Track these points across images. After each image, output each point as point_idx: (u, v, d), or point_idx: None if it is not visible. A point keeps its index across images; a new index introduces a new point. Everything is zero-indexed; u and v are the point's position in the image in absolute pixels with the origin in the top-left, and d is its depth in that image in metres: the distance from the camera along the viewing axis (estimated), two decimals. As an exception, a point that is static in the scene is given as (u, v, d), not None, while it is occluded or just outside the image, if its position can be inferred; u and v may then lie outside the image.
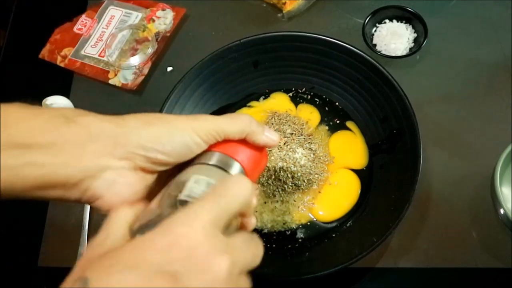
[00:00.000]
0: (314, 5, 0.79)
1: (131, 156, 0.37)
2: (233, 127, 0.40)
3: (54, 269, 0.65)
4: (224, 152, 0.40)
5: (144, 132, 0.37)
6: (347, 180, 0.65)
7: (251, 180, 0.41)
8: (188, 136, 0.38)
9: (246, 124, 0.41)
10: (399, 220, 0.56)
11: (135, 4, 0.82)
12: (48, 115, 0.37)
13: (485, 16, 0.75)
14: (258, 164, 0.43)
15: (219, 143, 0.40)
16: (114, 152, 0.37)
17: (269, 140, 0.42)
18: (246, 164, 0.41)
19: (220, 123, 0.40)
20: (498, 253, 0.61)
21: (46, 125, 0.36)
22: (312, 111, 0.70)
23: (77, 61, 0.78)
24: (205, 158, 0.39)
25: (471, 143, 0.67)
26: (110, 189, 0.37)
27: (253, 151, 0.42)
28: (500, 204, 0.57)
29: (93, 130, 0.37)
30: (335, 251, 0.60)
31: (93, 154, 0.36)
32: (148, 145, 0.37)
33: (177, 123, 0.38)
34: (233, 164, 0.40)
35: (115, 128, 0.37)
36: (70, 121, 0.36)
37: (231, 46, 0.67)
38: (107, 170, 0.37)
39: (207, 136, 0.39)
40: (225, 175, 0.39)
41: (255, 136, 0.41)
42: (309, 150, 0.65)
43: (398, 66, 0.72)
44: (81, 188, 0.36)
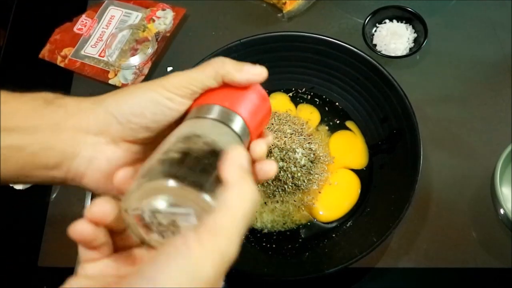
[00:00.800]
0: (314, 5, 0.79)
1: (105, 128, 0.36)
2: (206, 74, 0.38)
3: (54, 269, 0.65)
4: (215, 102, 0.37)
5: (112, 100, 0.37)
6: (347, 180, 0.65)
7: (255, 127, 0.38)
8: (158, 94, 0.37)
9: (218, 66, 0.38)
10: (399, 220, 0.56)
11: (135, 4, 0.82)
12: (27, 97, 0.37)
13: (485, 16, 0.75)
14: (258, 108, 0.39)
15: (205, 93, 0.38)
16: (88, 127, 0.36)
17: (251, 75, 0.38)
18: (241, 109, 0.37)
19: (191, 73, 0.38)
20: (498, 253, 0.61)
21: (25, 108, 0.36)
22: (312, 111, 0.70)
23: (77, 61, 0.78)
24: (197, 112, 0.37)
25: (471, 143, 0.67)
26: (91, 165, 0.37)
27: (244, 93, 0.38)
28: (500, 204, 0.57)
29: (69, 109, 0.36)
30: (335, 251, 0.60)
31: (69, 132, 0.36)
32: (117, 112, 0.36)
33: (146, 85, 0.37)
34: (233, 117, 0.37)
35: (90, 105, 0.37)
36: (49, 102, 0.37)
37: (231, 46, 0.67)
38: (84, 147, 0.36)
39: (180, 90, 0.37)
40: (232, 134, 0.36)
41: (232, 75, 0.37)
42: (309, 150, 0.65)
43: (398, 66, 0.72)
44: (63, 168, 0.36)
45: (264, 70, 0.39)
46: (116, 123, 0.36)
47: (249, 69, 0.38)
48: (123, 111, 0.36)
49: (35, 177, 0.36)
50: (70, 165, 0.36)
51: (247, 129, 0.37)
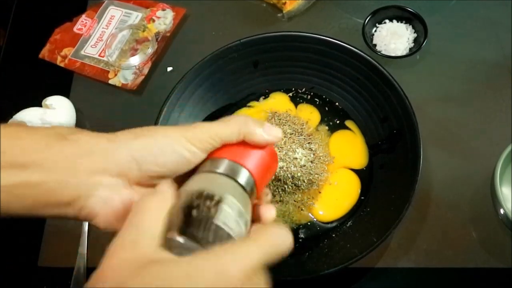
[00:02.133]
0: (314, 5, 0.79)
1: (124, 171, 0.37)
2: (228, 130, 0.39)
3: (54, 269, 0.65)
4: (231, 158, 0.38)
5: (134, 144, 0.37)
6: (347, 180, 0.65)
7: (262, 185, 0.40)
8: (181, 145, 0.37)
9: (241, 124, 0.39)
10: (399, 220, 0.56)
11: (135, 4, 0.82)
12: (41, 133, 0.37)
13: (485, 16, 0.75)
14: (267, 168, 0.40)
15: (222, 148, 0.39)
16: (107, 168, 0.36)
17: (270, 137, 0.40)
18: (254, 169, 0.39)
19: (214, 128, 0.38)
20: (498, 253, 0.61)
21: (39, 144, 0.36)
22: (312, 111, 0.70)
23: (77, 61, 0.78)
24: (212, 166, 0.38)
25: (471, 143, 0.67)
26: (105, 206, 0.36)
27: (259, 153, 0.40)
28: (500, 204, 0.57)
29: (85, 146, 0.36)
30: (335, 251, 0.60)
31: (86, 171, 0.36)
32: (139, 158, 0.36)
33: (169, 133, 0.38)
34: (241, 171, 0.38)
35: (107, 143, 0.37)
36: (63, 138, 0.36)
37: (231, 46, 0.67)
38: (101, 187, 0.36)
39: (201, 143, 0.38)
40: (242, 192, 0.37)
41: (254, 135, 0.39)
42: (309, 150, 0.65)
43: (398, 66, 0.72)
44: (76, 206, 0.36)
45: (281, 132, 0.41)
46: (136, 169, 0.37)
47: (271, 130, 0.40)
48: (146, 159, 0.37)
49: (47, 213, 0.36)
50: (84, 204, 0.36)
51: (255, 185, 0.39)
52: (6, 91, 0.78)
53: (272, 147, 0.41)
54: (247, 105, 0.71)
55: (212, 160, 0.39)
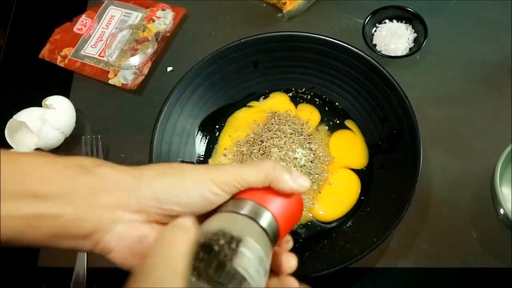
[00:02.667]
0: (314, 5, 0.79)
1: (145, 208, 0.36)
2: (255, 176, 0.38)
3: (54, 269, 0.65)
4: (255, 200, 0.37)
5: (158, 184, 0.36)
6: (347, 180, 0.65)
7: (285, 231, 0.39)
8: (206, 187, 0.37)
9: (269, 170, 0.38)
10: (399, 220, 0.56)
11: (135, 4, 0.82)
12: (63, 164, 0.36)
13: (485, 16, 0.75)
14: (292, 215, 0.40)
15: (246, 190, 0.38)
16: (128, 205, 0.36)
17: (296, 186, 0.39)
18: (278, 214, 0.38)
19: (241, 172, 0.38)
20: (498, 253, 0.61)
21: (60, 175, 0.35)
22: (312, 111, 0.70)
23: (77, 61, 0.78)
24: (235, 206, 0.37)
25: (471, 143, 0.67)
26: (122, 242, 0.36)
27: (285, 200, 0.39)
28: (500, 204, 0.57)
29: (108, 181, 0.36)
30: (335, 251, 0.60)
31: (106, 206, 0.35)
32: (162, 197, 0.36)
33: (194, 174, 0.37)
34: (264, 214, 0.37)
35: (131, 180, 0.36)
36: (86, 171, 0.36)
37: (231, 46, 0.67)
38: (119, 223, 0.36)
39: (227, 186, 0.37)
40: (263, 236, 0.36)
41: (280, 183, 0.38)
42: (309, 150, 0.65)
43: (398, 66, 0.72)
44: (92, 240, 0.36)
45: (309, 182, 0.40)
46: (158, 207, 0.36)
47: (297, 179, 0.39)
48: (169, 200, 0.36)
49: (62, 245, 0.36)
50: (101, 238, 0.36)
51: (278, 230, 0.38)
52: (6, 91, 0.78)
53: (299, 196, 0.41)
54: (247, 105, 0.71)
55: (235, 200, 0.38)
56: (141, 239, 0.36)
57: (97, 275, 0.63)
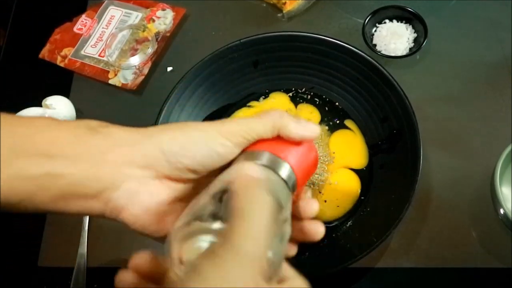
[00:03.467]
0: (314, 5, 0.79)
1: (153, 163, 0.36)
2: (263, 125, 0.37)
3: (54, 269, 0.65)
4: (271, 151, 0.36)
5: (165, 136, 0.36)
6: (347, 180, 0.65)
7: (303, 182, 0.38)
8: (213, 138, 0.36)
9: (276, 118, 0.38)
10: (399, 220, 0.56)
11: (135, 4, 0.82)
12: (72, 125, 0.36)
13: (485, 16, 0.75)
14: (308, 165, 0.39)
15: (258, 143, 0.38)
16: (135, 160, 0.36)
17: (306, 132, 0.38)
18: (296, 164, 0.37)
19: (248, 122, 0.37)
20: (498, 253, 0.61)
21: (69, 135, 0.35)
22: (312, 111, 0.70)
23: (77, 61, 0.78)
24: (251, 157, 0.36)
25: (471, 143, 0.67)
26: (132, 199, 0.36)
27: (300, 149, 0.38)
28: (500, 204, 0.57)
29: (114, 139, 0.36)
30: (335, 251, 0.60)
31: (113, 163, 0.35)
32: (168, 150, 0.36)
33: (202, 127, 0.37)
34: (282, 164, 0.36)
35: (136, 135, 0.36)
36: (94, 131, 0.36)
37: (231, 46, 0.67)
38: (128, 180, 0.36)
39: (235, 137, 0.37)
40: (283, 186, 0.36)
41: (288, 129, 0.37)
42: (309, 150, 0.65)
43: (398, 66, 0.72)
44: (102, 199, 0.36)
45: (319, 128, 0.39)
46: (164, 160, 0.36)
47: (306, 125, 0.38)
48: (175, 150, 0.36)
49: (73, 206, 0.36)
50: (110, 196, 0.36)
51: (295, 178, 0.37)
52: (6, 91, 0.78)
53: (312, 144, 0.40)
54: (247, 105, 0.71)
55: (250, 152, 0.37)
56: (152, 195, 0.36)
57: (97, 275, 0.63)
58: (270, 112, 0.38)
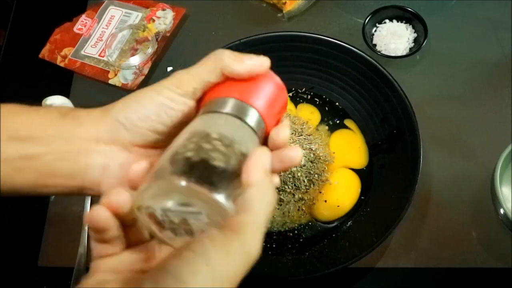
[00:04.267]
0: (314, 5, 0.79)
1: (114, 135, 0.37)
2: (204, 68, 0.37)
3: (54, 269, 0.65)
4: (237, 97, 0.35)
5: (118, 106, 0.37)
6: (348, 180, 0.65)
7: (273, 120, 0.37)
8: (160, 95, 0.36)
9: (216, 59, 0.36)
10: (399, 220, 0.56)
11: (135, 4, 0.82)
12: (43, 110, 0.38)
13: (485, 16, 0.75)
14: (275, 100, 0.37)
15: (217, 88, 0.36)
16: (99, 136, 0.37)
17: (251, 66, 0.36)
18: (261, 106, 0.35)
19: (190, 70, 0.37)
20: (498, 253, 0.61)
21: (41, 119, 0.37)
22: (312, 111, 0.70)
23: (77, 61, 0.78)
24: (214, 106, 0.35)
25: (471, 143, 0.67)
26: (105, 173, 0.37)
27: (260, 85, 0.36)
28: (500, 204, 0.57)
29: (82, 120, 0.37)
30: (335, 251, 0.60)
31: (80, 142, 0.37)
32: (122, 118, 0.37)
33: (149, 87, 0.37)
34: (249, 110, 0.35)
35: (98, 115, 0.38)
36: (64, 115, 0.38)
37: (231, 46, 0.67)
38: (97, 155, 0.37)
39: (181, 88, 0.36)
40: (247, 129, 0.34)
41: (233, 67, 0.36)
42: (309, 150, 0.65)
43: (398, 66, 0.72)
44: (78, 178, 0.37)
45: (266, 59, 0.37)
46: (123, 129, 0.37)
47: (249, 60, 0.36)
48: (129, 117, 0.37)
49: (52, 187, 0.37)
50: (84, 175, 0.37)
51: (263, 121, 0.36)
52: (6, 91, 0.78)
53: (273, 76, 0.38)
54: (247, 105, 0.71)
55: (208, 101, 0.36)
56: (123, 166, 0.37)
57: (97, 275, 0.63)
58: (211, 54, 0.37)
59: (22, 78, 0.80)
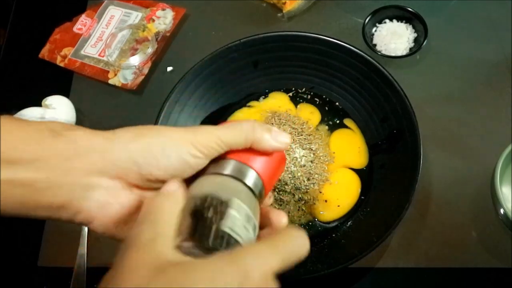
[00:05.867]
0: (314, 5, 0.79)
1: (123, 173, 0.34)
2: (235, 138, 0.37)
3: (54, 269, 0.65)
4: (237, 159, 0.37)
5: (135, 145, 0.34)
6: (348, 180, 0.65)
7: (270, 186, 0.39)
8: (185, 150, 0.35)
9: (249, 132, 0.37)
10: (399, 220, 0.56)
11: (135, 4, 0.82)
12: (33, 127, 0.34)
13: (486, 15, 0.75)
14: (275, 169, 0.40)
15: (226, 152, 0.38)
16: (104, 169, 0.34)
17: (278, 144, 0.38)
18: (262, 171, 0.38)
19: (221, 134, 0.36)
20: (498, 253, 0.61)
21: (30, 139, 0.33)
22: (312, 110, 0.70)
23: (77, 61, 0.78)
24: (218, 167, 0.37)
25: (471, 143, 0.67)
26: (103, 210, 0.34)
27: (267, 156, 0.39)
28: (500, 204, 0.57)
29: (80, 144, 0.34)
30: (335, 251, 0.60)
31: (80, 171, 0.33)
32: (140, 160, 0.34)
33: (172, 135, 0.35)
34: (248, 172, 0.37)
35: (104, 142, 0.34)
36: (57, 134, 0.34)
37: (231, 46, 0.67)
38: (97, 190, 0.34)
39: (207, 149, 0.36)
40: (250, 195, 0.36)
41: (262, 143, 0.38)
42: (309, 150, 0.65)
43: (398, 66, 0.72)
44: (70, 210, 0.34)
45: (290, 138, 0.40)
46: (136, 171, 0.34)
47: (278, 137, 0.38)
48: (148, 162, 0.34)
49: (39, 215, 0.34)
50: (79, 207, 0.34)
51: (263, 187, 0.38)
52: (6, 91, 0.78)
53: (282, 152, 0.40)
54: (247, 105, 0.71)
55: (218, 162, 0.37)
56: (123, 206, 0.35)
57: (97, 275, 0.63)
58: (242, 123, 0.38)
59: (22, 78, 0.80)
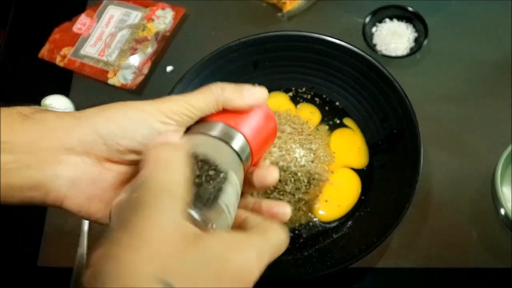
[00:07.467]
0: (314, 5, 0.79)
1: (91, 147, 0.34)
2: (206, 101, 0.36)
3: (54, 269, 0.65)
4: (226, 122, 0.36)
5: (99, 119, 0.34)
6: (348, 180, 0.65)
7: (260, 151, 0.38)
8: (153, 117, 0.34)
9: (217, 93, 0.36)
10: (399, 220, 0.56)
11: (135, 3, 0.81)
12: (4, 113, 0.34)
13: (486, 15, 0.75)
14: (264, 132, 0.38)
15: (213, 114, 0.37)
16: (72, 146, 0.33)
17: (253, 100, 0.37)
18: (250, 134, 0.36)
19: (189, 99, 0.36)
20: (498, 253, 0.61)
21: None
22: (312, 110, 0.70)
23: (77, 60, 0.78)
24: (203, 128, 0.36)
25: (472, 143, 0.67)
26: (74, 187, 0.34)
27: (253, 116, 0.37)
28: (500, 204, 0.57)
29: (48, 125, 0.34)
30: (335, 251, 0.60)
31: (47, 150, 0.33)
32: (104, 132, 0.34)
33: (139, 106, 0.35)
34: (236, 136, 0.36)
35: (71, 120, 0.34)
36: (26, 117, 0.34)
37: (231, 46, 0.67)
38: (66, 167, 0.34)
39: (178, 115, 0.35)
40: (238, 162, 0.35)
41: (234, 101, 0.36)
42: (309, 150, 0.65)
43: (398, 66, 0.72)
44: (41, 190, 0.34)
45: (265, 91, 0.38)
46: (102, 143, 0.34)
47: (250, 92, 0.37)
48: (113, 131, 0.34)
49: (10, 198, 0.33)
50: (50, 186, 0.34)
51: (249, 148, 0.37)
52: (5, 91, 0.78)
53: (267, 109, 0.39)
54: (247, 105, 0.71)
55: (202, 123, 0.36)
56: (95, 182, 0.34)
57: (97, 275, 0.63)
58: (212, 86, 0.37)
59: (22, 77, 0.80)
